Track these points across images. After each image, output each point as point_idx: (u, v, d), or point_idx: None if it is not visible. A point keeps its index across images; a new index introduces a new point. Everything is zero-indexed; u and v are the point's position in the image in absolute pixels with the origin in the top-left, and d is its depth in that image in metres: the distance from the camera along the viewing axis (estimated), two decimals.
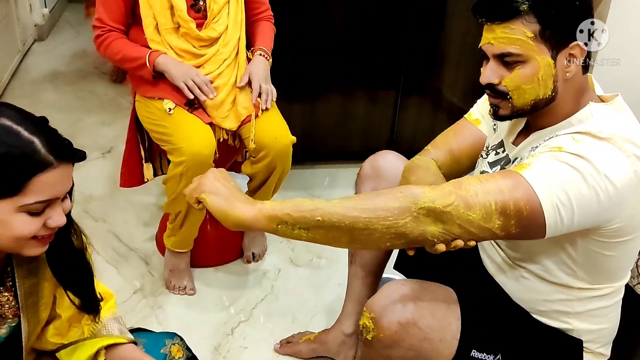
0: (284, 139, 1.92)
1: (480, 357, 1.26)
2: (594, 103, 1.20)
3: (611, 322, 1.32)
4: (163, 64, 1.85)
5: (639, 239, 1.23)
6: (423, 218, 1.07)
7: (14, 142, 0.92)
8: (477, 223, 1.07)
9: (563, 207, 1.07)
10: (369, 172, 1.62)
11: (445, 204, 1.06)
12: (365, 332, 1.26)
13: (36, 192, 0.94)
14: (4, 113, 0.94)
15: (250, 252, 2.22)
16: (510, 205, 1.07)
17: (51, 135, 0.96)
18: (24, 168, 0.93)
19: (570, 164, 1.08)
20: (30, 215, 0.95)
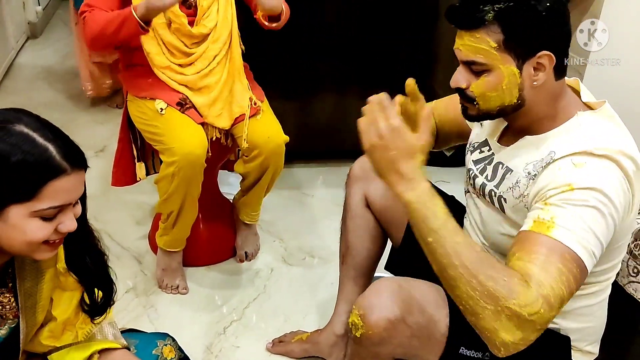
0: (276, 139, 1.92)
1: (469, 355, 1.26)
2: (581, 112, 1.20)
3: (598, 320, 1.32)
4: (142, 7, 1.72)
5: (627, 241, 1.26)
6: (505, 319, 1.02)
7: (29, 148, 0.94)
8: (556, 313, 1.06)
9: (595, 247, 1.09)
10: (358, 173, 1.62)
11: (532, 311, 1.01)
12: (354, 330, 1.26)
13: (50, 197, 0.96)
14: (21, 120, 0.96)
15: (243, 251, 2.22)
16: (571, 280, 1.06)
17: (65, 142, 0.99)
18: (39, 174, 0.95)
19: (587, 204, 1.08)
20: (43, 220, 0.97)
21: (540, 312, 1.02)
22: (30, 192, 0.95)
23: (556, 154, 1.15)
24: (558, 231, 1.07)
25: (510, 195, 1.22)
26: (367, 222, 1.63)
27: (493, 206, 1.28)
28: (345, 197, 1.68)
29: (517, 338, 1.03)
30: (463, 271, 1.03)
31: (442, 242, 1.04)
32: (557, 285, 1.04)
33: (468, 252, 1.04)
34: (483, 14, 1.13)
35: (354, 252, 1.66)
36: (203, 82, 1.91)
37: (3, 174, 0.93)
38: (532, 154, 1.21)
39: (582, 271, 1.08)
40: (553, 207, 1.10)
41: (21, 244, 0.99)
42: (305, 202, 2.58)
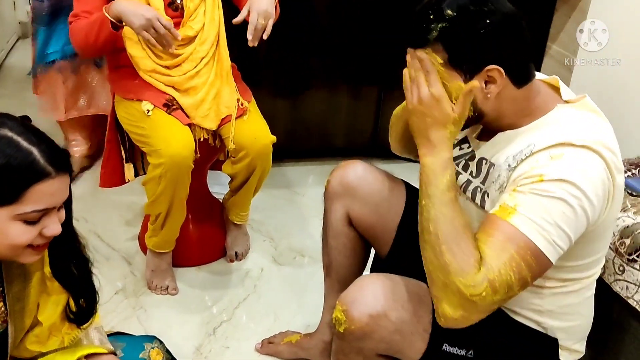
0: (263, 139, 1.92)
1: (452, 352, 1.26)
2: (561, 105, 1.21)
3: (584, 318, 1.33)
4: (119, 12, 1.70)
5: (608, 238, 1.25)
6: (450, 293, 1.11)
7: (13, 152, 0.94)
8: (501, 298, 1.10)
9: (559, 238, 1.10)
10: (338, 189, 1.57)
11: (474, 293, 1.09)
12: (338, 325, 1.27)
13: (33, 201, 0.96)
14: (5, 124, 0.97)
15: (233, 251, 2.22)
16: (522, 267, 1.09)
17: (50, 146, 0.99)
18: (23, 177, 0.95)
19: (554, 195, 1.09)
20: (26, 224, 0.98)
21: (482, 295, 1.08)
22: (13, 195, 0.95)
23: (535, 146, 1.15)
24: (518, 218, 1.10)
25: (492, 190, 1.23)
26: (350, 240, 1.60)
27: (473, 203, 1.28)
28: (325, 212, 1.63)
29: (458, 314, 1.11)
30: (434, 238, 1.13)
31: (430, 208, 1.15)
32: (506, 271, 1.09)
33: (446, 224, 1.13)
34: (427, 34, 1.15)
35: (338, 267, 1.64)
36: (190, 84, 1.90)
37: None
38: (512, 147, 1.21)
39: (540, 260, 1.10)
40: (519, 194, 1.12)
41: (5, 248, 0.99)
42: (296, 201, 2.58)
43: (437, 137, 1.16)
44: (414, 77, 1.18)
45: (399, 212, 1.54)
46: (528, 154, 1.16)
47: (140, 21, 1.69)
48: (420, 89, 1.16)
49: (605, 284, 1.53)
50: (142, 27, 1.70)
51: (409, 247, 1.51)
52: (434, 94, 1.15)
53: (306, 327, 1.92)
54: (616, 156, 1.15)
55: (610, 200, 1.15)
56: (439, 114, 1.16)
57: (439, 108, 1.15)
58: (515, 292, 1.12)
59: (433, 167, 1.16)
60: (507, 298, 1.12)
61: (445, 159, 1.17)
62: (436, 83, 1.15)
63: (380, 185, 1.56)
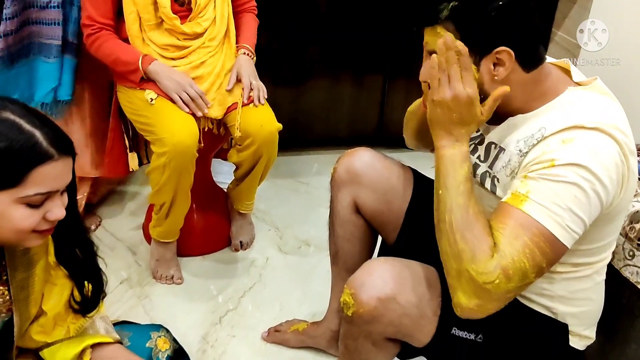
0: (269, 127, 1.90)
1: (461, 336, 1.26)
2: (572, 88, 1.19)
3: (595, 304, 1.32)
4: (154, 72, 1.83)
5: (620, 221, 1.24)
6: (464, 282, 1.10)
7: (15, 135, 0.94)
8: (516, 285, 1.09)
9: (573, 223, 1.09)
10: (345, 177, 1.56)
11: (487, 280, 1.08)
12: (346, 309, 1.26)
13: (36, 184, 0.95)
14: (7, 107, 0.96)
15: (238, 240, 2.21)
16: (536, 253, 1.08)
17: (53, 129, 0.98)
18: (25, 160, 0.94)
19: (566, 180, 1.08)
20: (29, 208, 0.97)
21: (495, 283, 1.07)
22: (15, 178, 0.94)
23: (547, 130, 1.14)
24: (530, 205, 1.09)
25: (503, 175, 1.22)
26: (357, 228, 1.59)
27: (483, 188, 1.27)
28: (332, 200, 1.62)
29: (473, 303, 1.10)
30: (448, 227, 1.13)
31: (446, 198, 1.15)
32: (519, 258, 1.08)
33: (460, 213, 1.13)
34: (438, 12, 1.14)
35: (345, 255, 1.64)
36: (196, 73, 1.89)
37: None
38: (522, 131, 1.20)
39: (555, 246, 1.09)
40: (531, 181, 1.11)
41: (9, 232, 0.98)
42: (300, 191, 2.57)
43: (459, 133, 1.17)
44: (446, 69, 1.14)
45: (406, 199, 1.53)
46: (539, 139, 1.14)
47: (173, 85, 1.82)
48: (455, 86, 1.14)
49: (615, 269, 1.52)
50: (174, 90, 1.82)
51: (416, 233, 1.51)
52: (469, 94, 1.13)
53: (312, 316, 1.92)
54: (629, 138, 1.14)
55: (625, 183, 1.14)
56: (468, 114, 1.15)
57: (470, 109, 1.14)
58: (531, 280, 1.11)
59: (453, 158, 1.16)
60: (522, 286, 1.11)
61: (464, 152, 1.17)
62: (473, 83, 1.14)
63: (387, 172, 1.54)
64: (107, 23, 1.84)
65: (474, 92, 1.14)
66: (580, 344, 1.33)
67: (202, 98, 1.84)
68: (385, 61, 2.60)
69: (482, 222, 1.12)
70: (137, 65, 1.82)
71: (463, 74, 1.14)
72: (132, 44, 1.86)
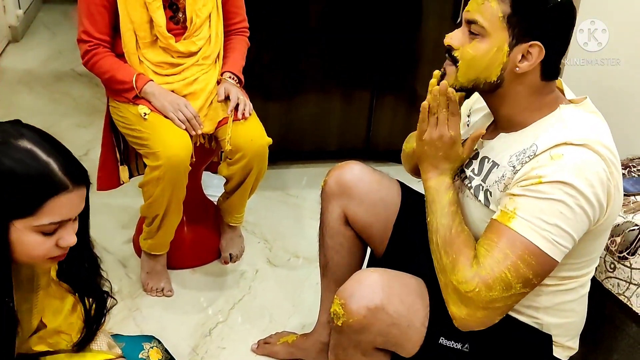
0: (260, 140, 1.93)
1: (448, 345, 1.28)
2: (564, 105, 1.23)
3: (578, 315, 1.35)
4: (150, 94, 1.86)
5: (606, 236, 1.28)
6: (451, 292, 1.20)
7: (32, 163, 0.95)
8: (500, 295, 1.15)
9: (560, 237, 1.14)
10: (335, 189, 1.59)
11: (468, 289, 1.16)
12: (336, 319, 1.29)
13: (51, 213, 0.97)
14: (23, 135, 0.97)
15: (227, 252, 2.22)
16: (520, 265, 1.14)
17: (67, 158, 0.99)
18: (41, 190, 0.95)
19: (552, 197, 1.13)
20: (43, 235, 0.98)
21: (475, 291, 1.15)
22: (31, 207, 0.95)
23: (538, 147, 1.18)
24: (516, 221, 1.15)
25: (496, 189, 1.25)
26: (347, 239, 1.62)
27: (477, 201, 1.30)
28: (322, 212, 1.65)
29: (464, 313, 1.18)
30: (435, 246, 1.25)
31: (433, 222, 1.27)
32: (499, 269, 1.14)
33: (444, 231, 1.24)
34: None
35: (334, 267, 1.66)
36: (189, 90, 1.92)
37: (7, 189, 0.93)
38: (515, 146, 1.23)
39: (542, 259, 1.14)
40: (518, 198, 1.16)
41: (22, 257, 1.00)
42: (290, 203, 2.59)
43: (444, 168, 1.29)
44: (436, 112, 1.25)
45: (394, 212, 1.57)
46: (531, 156, 1.18)
47: (169, 105, 1.85)
48: (441, 128, 1.26)
49: (597, 281, 1.55)
50: (171, 110, 1.84)
51: (404, 246, 1.54)
52: (454, 137, 1.26)
53: (302, 328, 1.94)
54: (615, 157, 1.18)
55: (611, 199, 1.18)
56: (452, 153, 1.28)
57: (453, 149, 1.27)
58: (517, 290, 1.15)
59: (437, 188, 1.28)
60: (510, 296, 1.15)
61: (448, 183, 1.29)
62: (456, 126, 1.26)
63: (376, 185, 1.58)
64: (104, 39, 1.86)
65: (457, 135, 1.27)
66: (563, 354, 1.36)
67: (195, 119, 1.86)
68: (374, 78, 2.64)
69: (463, 237, 1.21)
70: (132, 85, 1.84)
71: (450, 118, 1.25)
72: (128, 60, 1.88)
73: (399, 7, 2.53)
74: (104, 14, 1.83)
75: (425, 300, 1.29)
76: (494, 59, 1.20)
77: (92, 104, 3.20)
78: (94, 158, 2.57)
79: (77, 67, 3.50)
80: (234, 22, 2.06)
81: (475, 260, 1.17)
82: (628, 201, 1.59)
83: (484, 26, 1.20)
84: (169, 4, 1.87)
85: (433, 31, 2.56)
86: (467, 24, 1.23)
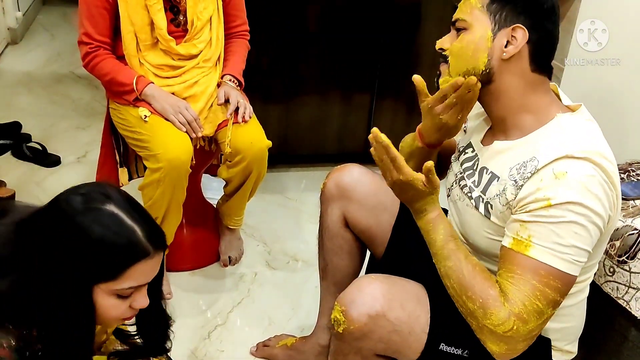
0: (259, 143, 1.93)
1: (449, 351, 1.29)
2: (561, 114, 1.23)
3: (577, 320, 1.35)
4: (150, 96, 1.86)
5: (606, 241, 1.29)
6: (487, 333, 1.17)
7: (119, 231, 0.96)
8: (536, 325, 1.15)
9: (578, 256, 1.15)
10: (334, 192, 1.59)
11: (505, 329, 1.14)
12: (337, 325, 1.29)
13: (131, 278, 0.99)
14: (111, 199, 0.99)
15: (226, 255, 2.22)
16: (548, 292, 1.14)
17: (149, 224, 1.01)
18: (125, 257, 0.97)
19: (565, 219, 1.13)
20: (118, 298, 1.00)
21: (514, 329, 1.15)
22: (114, 272, 0.97)
23: (539, 161, 1.17)
24: (534, 250, 1.14)
25: (497, 203, 1.24)
26: (346, 242, 1.63)
27: (477, 211, 1.30)
28: (321, 214, 1.65)
29: (503, 349, 1.17)
30: (453, 292, 1.21)
31: (439, 265, 1.24)
32: (530, 301, 1.13)
33: (456, 276, 1.20)
34: None
35: (334, 270, 1.66)
36: (189, 92, 1.92)
37: (95, 255, 0.95)
38: (514, 158, 1.23)
39: (565, 280, 1.15)
40: (531, 224, 1.15)
41: (98, 319, 1.01)
42: (289, 206, 2.59)
43: (420, 205, 1.25)
44: (380, 163, 1.24)
45: (394, 214, 1.57)
46: (533, 171, 1.17)
47: (170, 108, 1.85)
48: (391, 175, 1.23)
49: (596, 285, 1.56)
50: (171, 113, 1.84)
51: (403, 248, 1.54)
52: (404, 180, 1.22)
53: (300, 331, 1.94)
54: (614, 166, 1.18)
55: (614, 208, 1.19)
56: (415, 192, 1.23)
57: (413, 188, 1.23)
58: (549, 315, 1.16)
59: (426, 228, 1.26)
60: (542, 323, 1.16)
61: (432, 219, 1.25)
62: (403, 168, 1.21)
63: (375, 188, 1.58)
64: (105, 41, 1.87)
65: (407, 175, 1.21)
66: (562, 358, 1.36)
67: (196, 122, 1.87)
68: (373, 80, 2.64)
69: (479, 278, 1.18)
70: (132, 87, 1.85)
71: (394, 164, 1.22)
72: (129, 63, 1.88)
73: (398, 10, 2.53)
74: (105, 16, 1.83)
75: (426, 306, 1.29)
76: (479, 46, 1.23)
77: (91, 106, 3.20)
78: (93, 160, 2.58)
79: (76, 69, 3.50)
80: (235, 25, 2.06)
81: (503, 296, 1.15)
82: (627, 205, 1.59)
83: (465, 19, 1.25)
84: (170, 7, 1.87)
85: (433, 34, 2.52)
86: (453, 25, 1.29)
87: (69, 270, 0.95)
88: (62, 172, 2.65)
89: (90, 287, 0.97)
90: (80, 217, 0.96)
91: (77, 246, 0.95)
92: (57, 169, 2.68)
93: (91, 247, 0.95)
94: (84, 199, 0.98)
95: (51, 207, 0.99)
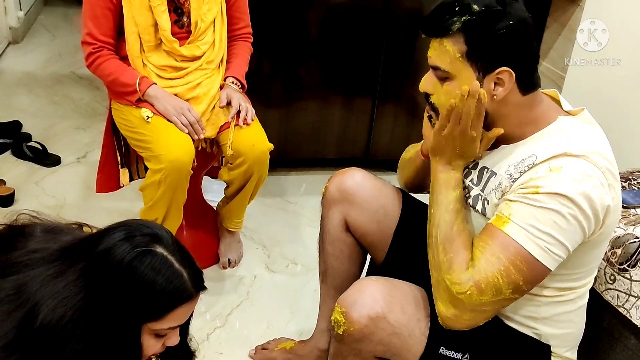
0: (261, 146, 1.93)
1: (449, 355, 1.29)
2: (562, 117, 1.24)
3: (577, 326, 1.35)
4: (153, 97, 1.86)
5: (604, 247, 1.28)
6: (442, 290, 1.20)
7: (169, 274, 0.99)
8: (489, 300, 1.16)
9: (554, 246, 1.15)
10: (336, 195, 1.59)
11: (460, 290, 1.17)
12: (337, 327, 1.29)
13: (173, 319, 1.01)
14: (161, 240, 1.01)
15: (226, 258, 2.22)
16: (511, 271, 1.15)
17: (194, 268, 1.04)
18: (172, 299, 0.99)
19: (548, 206, 1.14)
20: (155, 337, 1.02)
21: (467, 294, 1.17)
22: (160, 313, 0.99)
23: (537, 158, 1.19)
24: (510, 227, 1.16)
25: (493, 197, 1.26)
26: (347, 246, 1.62)
27: (474, 210, 1.31)
28: (322, 218, 1.65)
29: (450, 312, 1.20)
30: (434, 241, 1.25)
31: (435, 214, 1.26)
32: (493, 274, 1.15)
33: (445, 228, 1.24)
34: (449, 24, 1.19)
35: (334, 273, 1.66)
36: (192, 94, 1.92)
37: (146, 297, 0.97)
38: (514, 157, 1.24)
39: (534, 266, 1.15)
40: (514, 204, 1.18)
41: None
42: (288, 210, 2.59)
43: (457, 164, 1.29)
44: (462, 111, 1.21)
45: (395, 219, 1.57)
46: (530, 165, 1.19)
47: (172, 109, 1.85)
48: (464, 126, 1.23)
49: (597, 292, 1.56)
50: (174, 114, 1.85)
51: (404, 253, 1.54)
52: (473, 136, 1.24)
53: (299, 334, 1.94)
54: (614, 167, 1.19)
55: (609, 211, 1.18)
56: (469, 151, 1.27)
57: (471, 148, 1.26)
58: (506, 296, 1.16)
59: (447, 181, 1.28)
60: (498, 301, 1.17)
61: (458, 178, 1.29)
62: (479, 127, 1.24)
63: (377, 192, 1.58)
64: (108, 42, 1.87)
65: (478, 135, 1.25)
66: None
67: (198, 123, 1.87)
68: (375, 85, 2.65)
69: (463, 237, 1.21)
70: (135, 88, 1.85)
71: (475, 118, 1.22)
72: (132, 63, 1.88)
73: (400, 15, 2.54)
74: (109, 17, 1.84)
75: (427, 309, 1.30)
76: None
77: (91, 107, 3.20)
78: (92, 160, 2.59)
79: (77, 69, 3.50)
80: (238, 27, 2.06)
81: (471, 262, 1.18)
82: (628, 213, 1.60)
83: (447, 70, 1.22)
84: (173, 8, 1.88)
85: None
86: (433, 70, 1.26)
87: (121, 312, 0.97)
88: (61, 172, 2.64)
89: (140, 328, 0.99)
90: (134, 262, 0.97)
91: (130, 289, 0.97)
92: (57, 169, 2.67)
93: (143, 289, 0.97)
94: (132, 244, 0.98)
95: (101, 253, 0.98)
